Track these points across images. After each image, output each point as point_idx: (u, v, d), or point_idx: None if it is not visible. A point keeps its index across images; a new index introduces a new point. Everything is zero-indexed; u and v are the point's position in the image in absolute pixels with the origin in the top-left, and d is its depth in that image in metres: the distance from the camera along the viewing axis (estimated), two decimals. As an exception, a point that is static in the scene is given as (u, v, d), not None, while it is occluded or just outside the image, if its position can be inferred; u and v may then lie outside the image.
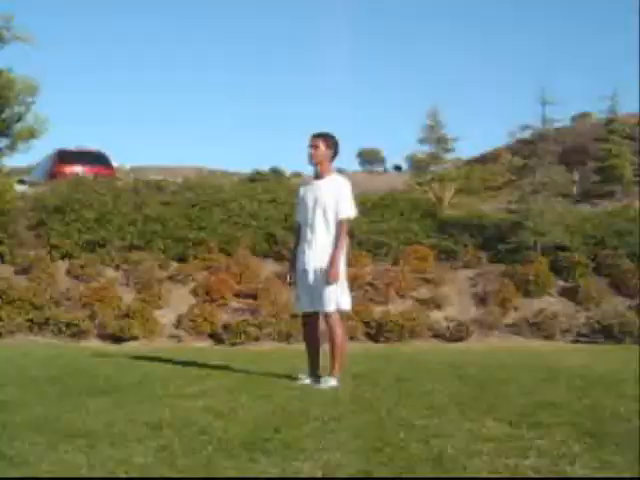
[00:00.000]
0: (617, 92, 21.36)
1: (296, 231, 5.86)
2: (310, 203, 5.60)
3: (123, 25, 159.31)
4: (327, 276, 5.41)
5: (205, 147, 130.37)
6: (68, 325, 10.89)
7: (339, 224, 5.49)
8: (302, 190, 5.81)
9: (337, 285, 5.47)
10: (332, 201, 5.50)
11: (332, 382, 5.39)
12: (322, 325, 5.72)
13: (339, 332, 5.53)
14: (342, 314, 5.69)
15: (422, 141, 21.54)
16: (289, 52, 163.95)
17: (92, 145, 21.43)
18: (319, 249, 5.50)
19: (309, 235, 5.57)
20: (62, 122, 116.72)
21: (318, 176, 5.67)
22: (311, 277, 5.53)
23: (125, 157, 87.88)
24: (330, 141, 5.66)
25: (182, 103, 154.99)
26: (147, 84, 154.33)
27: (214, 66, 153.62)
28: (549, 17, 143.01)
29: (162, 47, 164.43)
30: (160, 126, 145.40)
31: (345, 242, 5.56)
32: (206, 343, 11.04)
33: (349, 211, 5.53)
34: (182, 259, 13.23)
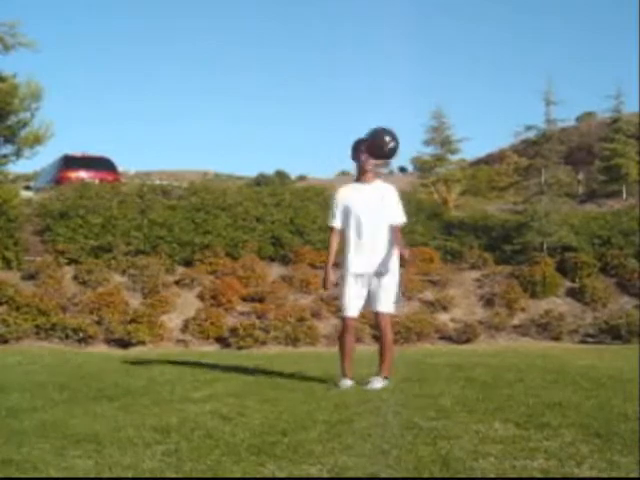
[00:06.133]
0: (622, 91, 21.18)
1: None
2: None
3: (128, 29, 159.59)
4: None
5: (210, 151, 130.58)
6: (75, 330, 10.91)
7: None
8: None
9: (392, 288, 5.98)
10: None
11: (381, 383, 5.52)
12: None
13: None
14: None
15: (427, 142, 21.60)
16: (291, 55, 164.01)
17: (97, 150, 21.50)
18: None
19: None
20: (67, 127, 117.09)
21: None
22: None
23: (130, 162, 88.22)
24: (363, 147, 5.75)
25: (187, 107, 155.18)
26: (153, 89, 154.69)
27: (217, 70, 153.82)
28: (553, 17, 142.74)
29: (167, 51, 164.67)
30: (165, 130, 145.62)
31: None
32: (213, 347, 11.05)
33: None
34: (188, 263, 13.24)
